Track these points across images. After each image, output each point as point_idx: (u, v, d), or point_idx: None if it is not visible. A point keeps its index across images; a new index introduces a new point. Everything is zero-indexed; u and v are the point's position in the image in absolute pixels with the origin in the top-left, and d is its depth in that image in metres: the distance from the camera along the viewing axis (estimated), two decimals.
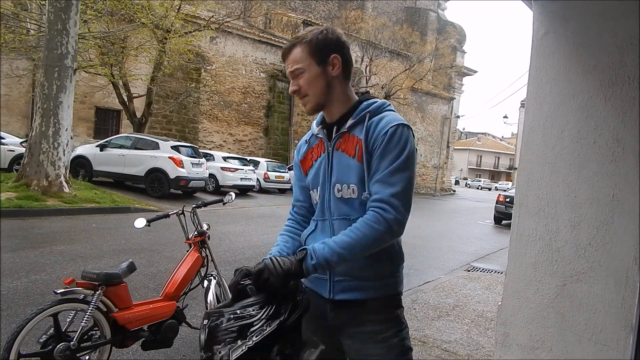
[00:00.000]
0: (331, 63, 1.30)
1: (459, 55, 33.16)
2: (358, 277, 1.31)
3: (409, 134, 1.25)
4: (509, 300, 1.87)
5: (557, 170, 1.75)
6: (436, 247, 8.79)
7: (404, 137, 1.23)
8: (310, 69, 1.29)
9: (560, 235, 1.73)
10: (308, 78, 1.29)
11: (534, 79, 1.84)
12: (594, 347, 1.62)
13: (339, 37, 1.33)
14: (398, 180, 1.21)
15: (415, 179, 1.27)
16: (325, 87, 1.30)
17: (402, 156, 1.21)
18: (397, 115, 1.31)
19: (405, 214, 1.23)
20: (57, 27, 8.70)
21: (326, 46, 1.30)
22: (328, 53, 1.29)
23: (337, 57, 1.30)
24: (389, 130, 1.23)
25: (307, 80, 1.29)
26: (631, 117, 1.58)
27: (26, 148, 9.36)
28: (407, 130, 1.26)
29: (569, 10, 1.74)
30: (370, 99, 1.37)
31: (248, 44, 21.09)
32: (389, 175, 1.21)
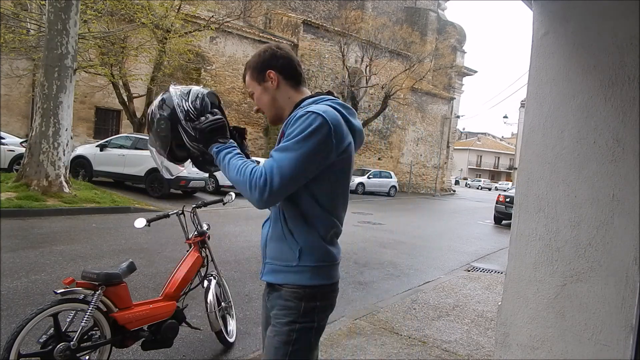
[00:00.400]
0: (268, 78, 1.44)
1: (459, 55, 33.15)
2: (277, 260, 1.41)
3: (318, 122, 1.26)
4: (509, 300, 1.87)
5: (557, 170, 1.75)
6: (436, 247, 8.79)
7: (307, 121, 1.26)
8: (256, 90, 1.47)
9: (560, 235, 1.73)
10: (257, 97, 1.48)
11: (534, 79, 1.84)
12: (594, 347, 1.62)
13: (274, 52, 1.45)
14: (283, 157, 1.25)
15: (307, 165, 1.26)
16: (271, 101, 1.46)
17: (297, 137, 1.25)
18: (324, 106, 1.33)
19: (275, 191, 1.25)
20: (57, 27, 8.70)
21: (261, 65, 1.45)
22: (263, 71, 1.44)
23: (272, 71, 1.43)
24: (297, 114, 1.30)
25: (257, 99, 1.48)
26: (631, 117, 1.58)
27: (26, 148, 9.36)
28: (318, 118, 1.26)
29: (569, 10, 1.74)
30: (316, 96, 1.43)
31: (248, 44, 21.08)
32: (278, 150, 1.28)
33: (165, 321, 2.62)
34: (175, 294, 2.73)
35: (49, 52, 8.72)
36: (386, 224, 11.48)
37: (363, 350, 3.29)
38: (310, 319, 1.37)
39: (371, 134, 26.78)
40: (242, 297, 4.41)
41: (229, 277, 4.90)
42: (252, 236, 7.73)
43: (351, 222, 11.26)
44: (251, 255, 6.22)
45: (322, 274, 1.38)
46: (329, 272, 1.40)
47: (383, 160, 27.81)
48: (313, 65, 23.47)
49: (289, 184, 1.26)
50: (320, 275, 1.38)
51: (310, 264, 1.36)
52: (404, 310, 4.37)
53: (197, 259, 2.91)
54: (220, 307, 3.15)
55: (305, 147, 1.25)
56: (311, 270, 1.36)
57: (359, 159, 26.29)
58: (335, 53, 23.22)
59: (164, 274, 4.52)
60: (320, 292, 1.38)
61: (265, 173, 1.25)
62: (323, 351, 3.21)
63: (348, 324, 3.80)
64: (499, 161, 67.28)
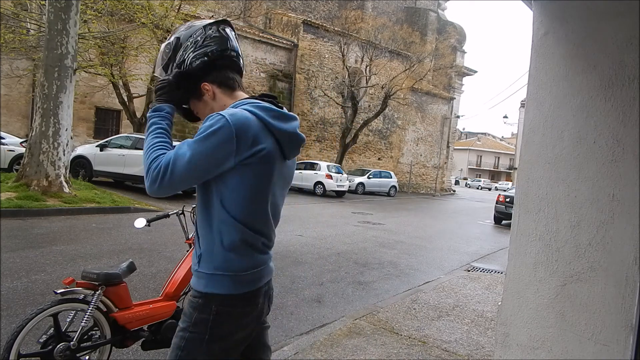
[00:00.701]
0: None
1: (459, 55, 33.15)
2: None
3: (219, 124, 1.25)
4: (509, 300, 1.87)
5: (557, 170, 1.75)
6: (436, 247, 8.79)
7: (209, 122, 1.27)
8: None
9: (560, 235, 1.73)
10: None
11: (534, 79, 1.84)
12: (594, 347, 1.62)
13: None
14: (179, 154, 1.26)
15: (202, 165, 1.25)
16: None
17: (196, 137, 1.26)
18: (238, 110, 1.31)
19: (164, 186, 1.26)
20: (57, 27, 8.70)
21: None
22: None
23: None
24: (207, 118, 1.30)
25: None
26: (631, 117, 1.58)
27: (26, 148, 9.36)
28: (220, 120, 1.26)
29: (569, 10, 1.74)
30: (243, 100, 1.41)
31: (248, 44, 21.08)
32: (181, 144, 1.28)
33: (166, 321, 2.62)
34: (175, 293, 2.73)
35: (49, 52, 8.72)
36: (386, 224, 11.48)
37: (363, 350, 3.29)
38: (200, 331, 1.31)
39: (371, 134, 26.78)
40: None
41: None
42: None
43: (351, 222, 11.26)
44: None
45: (218, 283, 1.31)
46: (227, 283, 1.31)
47: (383, 160, 27.81)
48: (313, 65, 23.47)
49: (180, 180, 1.26)
50: (216, 284, 1.31)
51: (206, 271, 1.32)
52: (404, 310, 4.37)
53: None
54: None
55: (201, 147, 1.24)
56: (206, 278, 1.32)
57: (359, 159, 26.32)
58: (335, 53, 23.22)
59: (164, 274, 4.52)
60: (215, 303, 1.30)
61: (161, 166, 1.26)
62: (323, 351, 3.21)
63: (348, 324, 3.80)
64: (499, 161, 67.28)
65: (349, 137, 22.34)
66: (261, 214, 1.36)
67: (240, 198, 1.30)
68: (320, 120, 24.07)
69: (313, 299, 4.62)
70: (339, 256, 6.86)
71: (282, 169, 1.41)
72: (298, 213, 12.08)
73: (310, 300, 4.60)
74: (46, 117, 8.73)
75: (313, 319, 4.05)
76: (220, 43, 1.44)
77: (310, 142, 23.64)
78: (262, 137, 1.30)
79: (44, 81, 8.74)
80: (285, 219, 10.46)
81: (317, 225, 10.07)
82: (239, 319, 1.34)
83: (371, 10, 30.03)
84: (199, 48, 1.41)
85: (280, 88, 22.24)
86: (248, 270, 1.34)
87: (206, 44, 1.41)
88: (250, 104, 1.35)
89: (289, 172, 1.49)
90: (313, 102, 23.64)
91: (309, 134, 23.43)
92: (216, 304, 1.31)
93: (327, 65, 24.01)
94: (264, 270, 1.40)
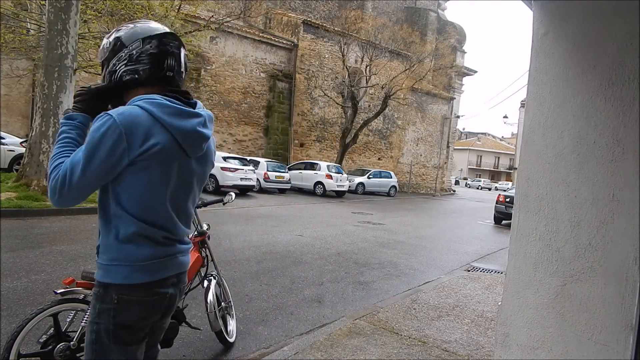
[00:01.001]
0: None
1: (459, 55, 33.15)
2: None
3: (107, 124, 1.26)
4: (509, 300, 1.87)
5: (557, 170, 1.75)
6: (436, 247, 8.79)
7: (97, 124, 1.27)
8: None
9: (560, 235, 1.73)
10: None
11: (534, 79, 1.84)
12: (594, 347, 1.62)
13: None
14: (75, 161, 1.27)
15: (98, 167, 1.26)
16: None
17: (87, 141, 1.28)
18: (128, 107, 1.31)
19: (65, 196, 1.28)
20: (57, 27, 8.70)
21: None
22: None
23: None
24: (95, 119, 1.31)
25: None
26: (631, 117, 1.58)
27: (26, 148, 9.36)
28: (108, 120, 1.26)
29: (569, 10, 1.74)
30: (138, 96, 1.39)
31: (248, 44, 21.08)
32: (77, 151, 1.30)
33: None
34: None
35: (49, 52, 8.72)
36: (386, 224, 11.48)
37: (363, 350, 3.29)
38: (105, 321, 1.35)
39: (371, 134, 26.78)
40: (242, 297, 4.41)
41: (229, 277, 4.91)
42: (252, 236, 7.73)
43: (351, 222, 11.26)
44: (251, 255, 6.22)
45: (114, 272, 1.34)
46: (124, 273, 1.34)
47: (383, 160, 27.81)
48: (313, 65, 23.47)
49: (80, 189, 1.28)
50: (113, 274, 1.34)
51: (103, 262, 1.36)
52: (404, 310, 4.37)
53: (197, 259, 2.91)
54: (220, 307, 3.15)
55: (93, 152, 1.25)
56: (104, 268, 1.36)
57: (359, 159, 26.32)
58: (335, 53, 23.23)
59: None
60: (115, 292, 1.34)
61: (59, 177, 1.27)
62: (323, 351, 3.21)
63: (348, 324, 3.80)
64: (499, 161, 67.28)
65: (349, 137, 22.34)
66: (159, 209, 1.37)
67: (135, 194, 1.32)
68: (320, 120, 24.07)
69: (313, 299, 4.62)
70: (339, 256, 6.86)
71: (187, 166, 1.42)
72: (298, 213, 12.08)
73: (310, 300, 4.60)
74: (46, 117, 8.73)
75: (313, 319, 4.05)
76: (155, 61, 1.38)
77: (310, 142, 23.64)
78: (155, 133, 1.30)
79: (44, 81, 8.74)
80: (285, 219, 10.50)
81: (317, 225, 10.07)
82: (141, 307, 1.37)
83: (371, 10, 30.03)
84: (131, 63, 1.37)
85: (280, 88, 22.24)
86: (146, 260, 1.36)
87: (140, 60, 1.37)
88: (144, 100, 1.33)
89: (198, 169, 1.48)
90: (313, 102, 23.64)
91: (309, 134, 23.44)
92: (116, 293, 1.34)
93: (327, 65, 24.01)
94: (167, 261, 1.42)
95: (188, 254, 1.54)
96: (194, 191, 1.51)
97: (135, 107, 1.30)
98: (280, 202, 14.67)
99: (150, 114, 1.30)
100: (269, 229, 8.66)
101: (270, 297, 4.54)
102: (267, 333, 3.61)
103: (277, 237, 7.87)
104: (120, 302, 1.34)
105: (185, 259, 1.51)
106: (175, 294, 1.48)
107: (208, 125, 1.47)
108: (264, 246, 6.97)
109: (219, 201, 3.32)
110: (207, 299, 2.97)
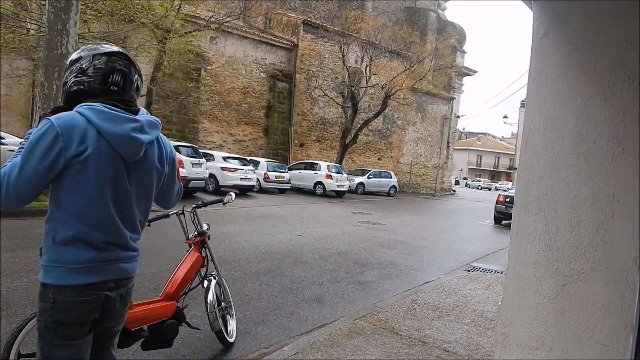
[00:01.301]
0: None
1: (459, 55, 33.14)
2: None
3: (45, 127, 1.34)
4: (509, 300, 1.87)
5: (557, 170, 1.75)
6: (436, 247, 8.79)
7: (37, 127, 1.36)
8: None
9: (560, 235, 1.73)
10: None
11: (534, 79, 1.84)
12: (594, 347, 1.62)
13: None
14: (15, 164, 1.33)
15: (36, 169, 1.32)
16: None
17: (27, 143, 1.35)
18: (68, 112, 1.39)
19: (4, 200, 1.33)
20: (57, 27, 8.70)
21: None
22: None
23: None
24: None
25: None
26: (631, 117, 1.58)
27: None
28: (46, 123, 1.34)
29: (569, 10, 1.74)
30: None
31: (248, 44, 21.08)
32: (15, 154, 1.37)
33: (165, 321, 2.62)
34: (175, 294, 2.73)
35: (49, 52, 8.72)
36: (386, 224, 11.48)
37: (363, 350, 3.29)
38: (44, 319, 1.43)
39: (371, 134, 26.78)
40: (242, 297, 4.41)
41: (229, 277, 4.91)
42: (252, 236, 7.74)
43: (351, 222, 11.26)
44: (251, 255, 6.23)
45: (51, 273, 1.41)
46: (59, 274, 1.40)
47: (383, 160, 27.81)
48: (313, 65, 23.47)
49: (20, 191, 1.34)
50: (50, 274, 1.41)
51: (43, 262, 1.43)
52: (404, 310, 4.37)
53: (197, 259, 2.91)
54: (220, 307, 3.15)
55: (30, 154, 1.32)
56: (43, 269, 1.43)
57: (359, 159, 26.33)
58: (335, 53, 23.22)
59: (164, 274, 4.52)
60: (52, 292, 1.41)
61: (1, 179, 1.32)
62: (323, 351, 3.21)
63: (348, 324, 3.80)
64: (499, 161, 67.27)
65: (349, 137, 22.34)
66: (99, 214, 1.43)
67: (74, 197, 1.39)
68: (320, 120, 24.07)
69: (313, 299, 4.62)
70: (339, 256, 6.86)
71: (127, 171, 1.47)
72: (298, 213, 12.08)
73: (310, 300, 4.60)
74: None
75: (313, 319, 4.05)
76: (101, 75, 1.46)
77: (310, 142, 23.64)
78: (90, 137, 1.37)
79: (44, 81, 8.74)
80: (285, 219, 10.50)
81: (317, 225, 10.07)
82: (76, 308, 1.42)
83: (371, 10, 30.03)
84: (80, 75, 1.46)
85: (280, 88, 22.24)
86: (81, 263, 1.41)
87: (87, 73, 1.46)
88: (84, 106, 1.42)
89: (140, 175, 1.52)
90: (313, 102, 23.63)
91: (309, 134, 23.44)
92: (52, 293, 1.41)
93: (327, 65, 24.01)
94: (104, 266, 1.46)
95: (134, 261, 1.58)
96: (140, 197, 1.55)
97: (74, 112, 1.39)
98: (280, 202, 14.67)
99: (87, 118, 1.38)
100: (268, 229, 8.66)
101: (270, 297, 4.54)
102: (267, 333, 3.61)
103: (277, 237, 7.87)
104: (55, 301, 1.41)
105: (128, 266, 1.55)
106: (115, 298, 1.52)
107: (147, 131, 1.51)
108: (264, 246, 6.97)
109: (219, 201, 3.32)
110: (207, 299, 2.97)
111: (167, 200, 1.77)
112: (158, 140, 1.60)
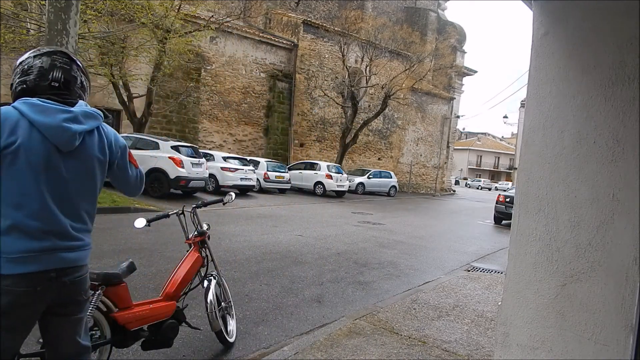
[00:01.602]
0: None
1: (459, 55, 33.14)
2: None
3: None
4: (509, 300, 1.87)
5: (557, 170, 1.75)
6: (436, 247, 8.79)
7: None
8: None
9: (560, 235, 1.73)
10: None
11: (534, 79, 1.84)
12: (594, 347, 1.62)
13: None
14: None
15: None
16: None
17: None
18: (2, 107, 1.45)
19: None
20: (57, 27, 8.67)
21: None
22: None
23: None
24: None
25: None
26: (631, 117, 1.58)
27: None
28: None
29: (569, 10, 1.74)
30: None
31: (248, 44, 21.08)
32: None
33: (165, 321, 2.62)
34: (175, 294, 2.73)
35: None
36: (386, 224, 11.48)
37: (363, 350, 3.29)
38: None
39: (371, 134, 26.78)
40: (242, 297, 4.41)
41: (229, 277, 4.91)
42: (252, 236, 7.74)
43: (351, 222, 11.26)
44: (251, 255, 6.22)
45: None
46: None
47: (383, 160, 27.80)
48: (313, 65, 23.47)
49: None
50: None
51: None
52: (404, 310, 4.37)
53: (197, 259, 2.91)
54: (220, 307, 3.15)
55: None
56: None
57: (359, 159, 26.33)
58: (335, 53, 23.22)
59: (164, 274, 4.52)
60: None
61: None
62: (323, 351, 3.21)
63: (348, 324, 3.80)
64: (499, 161, 67.27)
65: (349, 137, 22.34)
66: (36, 204, 1.45)
67: (10, 188, 1.42)
68: (320, 120, 24.07)
69: (313, 299, 4.62)
70: (339, 256, 6.86)
71: (64, 161, 1.50)
72: (298, 213, 12.08)
73: (310, 300, 4.60)
74: None
75: (313, 319, 4.05)
76: (41, 75, 1.52)
77: (310, 142, 23.64)
78: (21, 129, 1.42)
79: None
80: (285, 219, 10.50)
81: (317, 225, 10.07)
82: (14, 297, 1.44)
83: (371, 10, 30.03)
84: (23, 76, 1.53)
85: (280, 88, 22.24)
86: (19, 253, 1.44)
87: (29, 72, 1.53)
88: (20, 101, 1.48)
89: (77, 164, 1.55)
90: (313, 102, 23.63)
91: (309, 134, 23.44)
92: None
93: (327, 65, 24.01)
94: (42, 255, 1.48)
95: (79, 250, 1.58)
96: (82, 186, 1.58)
97: (8, 107, 1.45)
98: (280, 202, 14.67)
99: (19, 111, 1.44)
100: (269, 229, 8.66)
101: (270, 297, 4.54)
102: (267, 333, 3.61)
103: (277, 237, 7.87)
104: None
105: (71, 256, 1.55)
106: (57, 289, 1.52)
107: (82, 121, 1.55)
108: (264, 246, 6.97)
109: (219, 201, 3.32)
110: (207, 299, 2.97)
111: (127, 187, 1.82)
112: (99, 130, 1.64)
